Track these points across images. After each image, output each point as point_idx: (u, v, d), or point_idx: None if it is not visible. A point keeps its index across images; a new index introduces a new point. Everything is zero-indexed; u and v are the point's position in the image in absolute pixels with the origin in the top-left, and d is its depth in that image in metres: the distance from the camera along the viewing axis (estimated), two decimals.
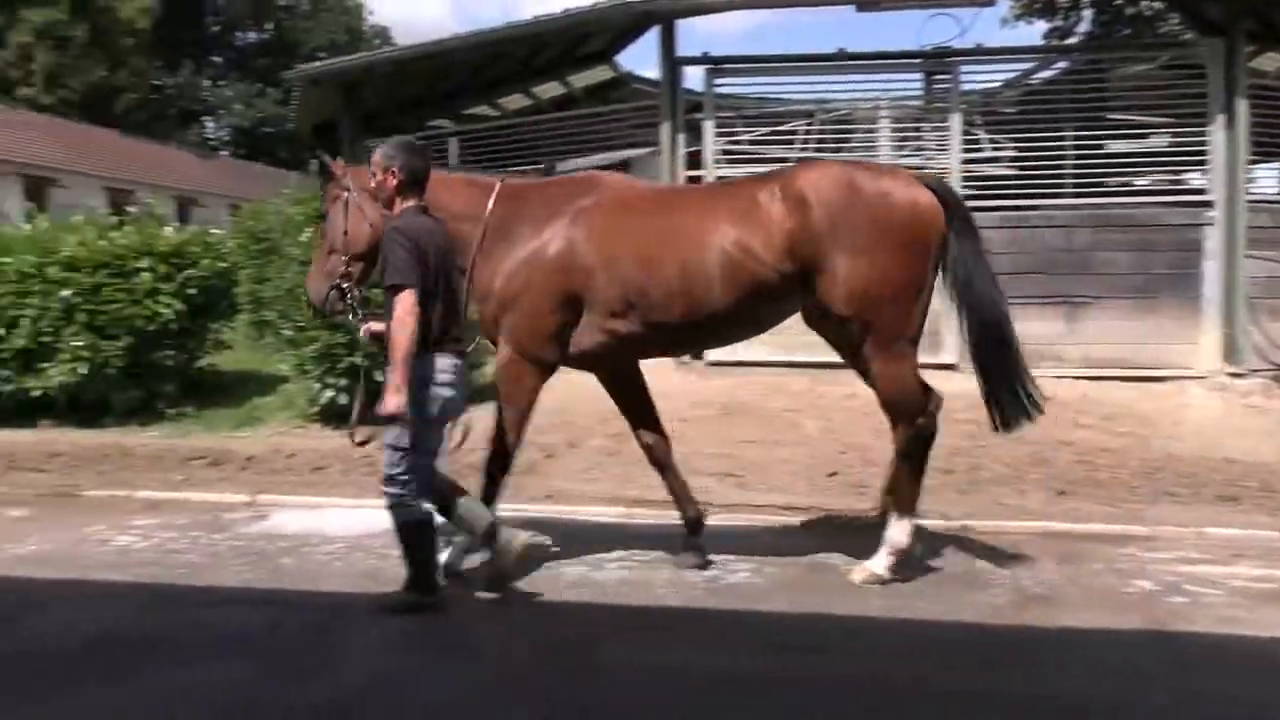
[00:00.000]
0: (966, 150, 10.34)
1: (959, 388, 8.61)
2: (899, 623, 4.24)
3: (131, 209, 10.95)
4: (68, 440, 8.26)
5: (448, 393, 4.28)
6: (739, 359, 10.27)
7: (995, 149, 10.67)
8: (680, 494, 5.09)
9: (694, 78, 11.09)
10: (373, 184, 4.41)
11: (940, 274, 4.66)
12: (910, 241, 4.45)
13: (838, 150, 10.96)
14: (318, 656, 3.92)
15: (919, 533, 4.91)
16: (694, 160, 10.74)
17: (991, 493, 6.49)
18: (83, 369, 8.53)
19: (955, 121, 10.21)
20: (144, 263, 8.82)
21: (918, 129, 10.86)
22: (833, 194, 4.45)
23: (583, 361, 4.87)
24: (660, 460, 5.10)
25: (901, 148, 10.83)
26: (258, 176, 41.13)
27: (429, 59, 12.01)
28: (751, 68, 11.05)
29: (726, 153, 10.65)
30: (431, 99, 15.57)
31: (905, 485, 4.71)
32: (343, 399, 8.54)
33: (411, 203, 4.38)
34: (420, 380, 4.17)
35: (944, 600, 4.49)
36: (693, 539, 5.03)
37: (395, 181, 4.35)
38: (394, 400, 4.04)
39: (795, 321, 4.88)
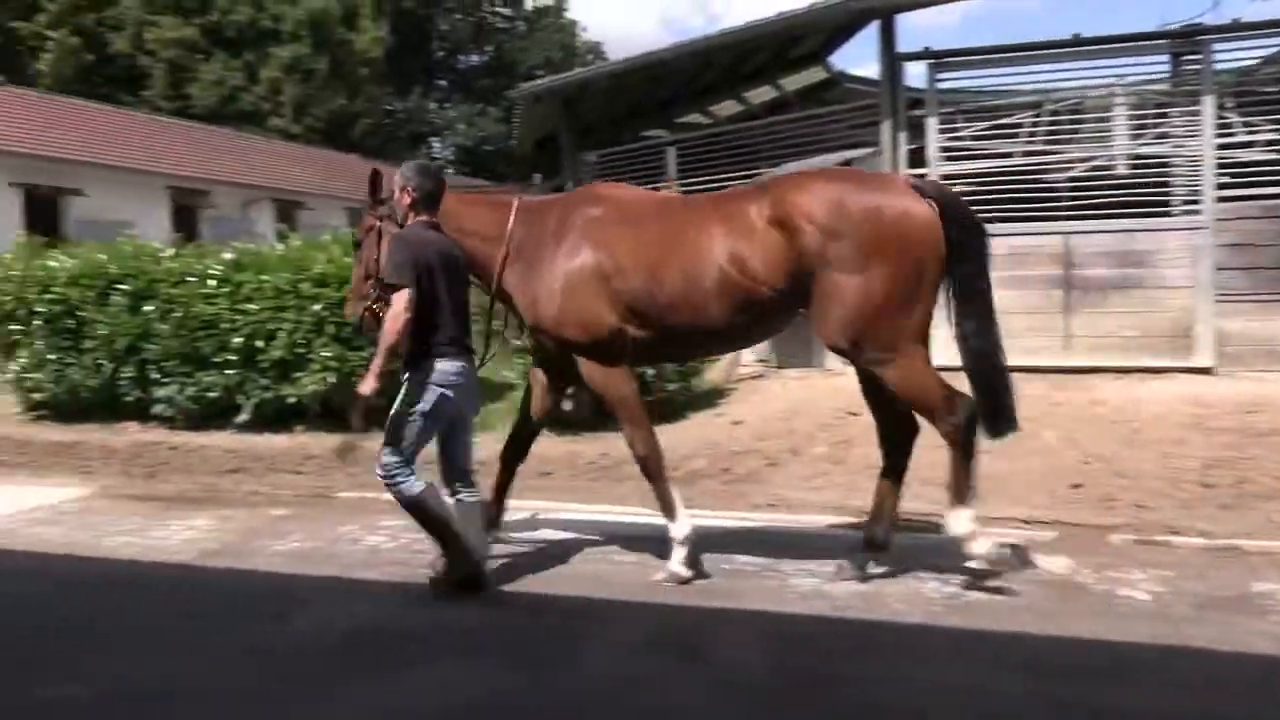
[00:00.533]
0: (1220, 135, 9.52)
1: (1216, 392, 7.95)
2: (1173, 651, 3.90)
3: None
4: (320, 444, 8.85)
5: (452, 394, 4.61)
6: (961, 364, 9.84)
7: (1251, 132, 9.77)
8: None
9: (911, 74, 10.76)
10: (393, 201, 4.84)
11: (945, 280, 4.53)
12: (902, 255, 4.38)
13: (1069, 141, 10.36)
14: (560, 657, 4.00)
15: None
16: (915, 158, 10.40)
17: (1262, 509, 5.90)
18: (332, 378, 9.12)
19: (1208, 105, 9.42)
20: None
21: (1161, 115, 10.09)
22: (820, 212, 4.43)
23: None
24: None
25: (1139, 135, 10.10)
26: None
27: (643, 70, 12.19)
28: (976, 60, 10.59)
29: (947, 149, 10.25)
30: (645, 109, 15.83)
31: (960, 473, 4.56)
32: (567, 405, 8.77)
33: (422, 218, 4.77)
34: (425, 382, 4.56)
35: (1216, 627, 4.10)
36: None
37: (409, 199, 4.78)
38: (370, 383, 4.48)
39: (1027, 322, 4.62)
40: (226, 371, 9.39)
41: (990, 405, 4.62)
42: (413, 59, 50.28)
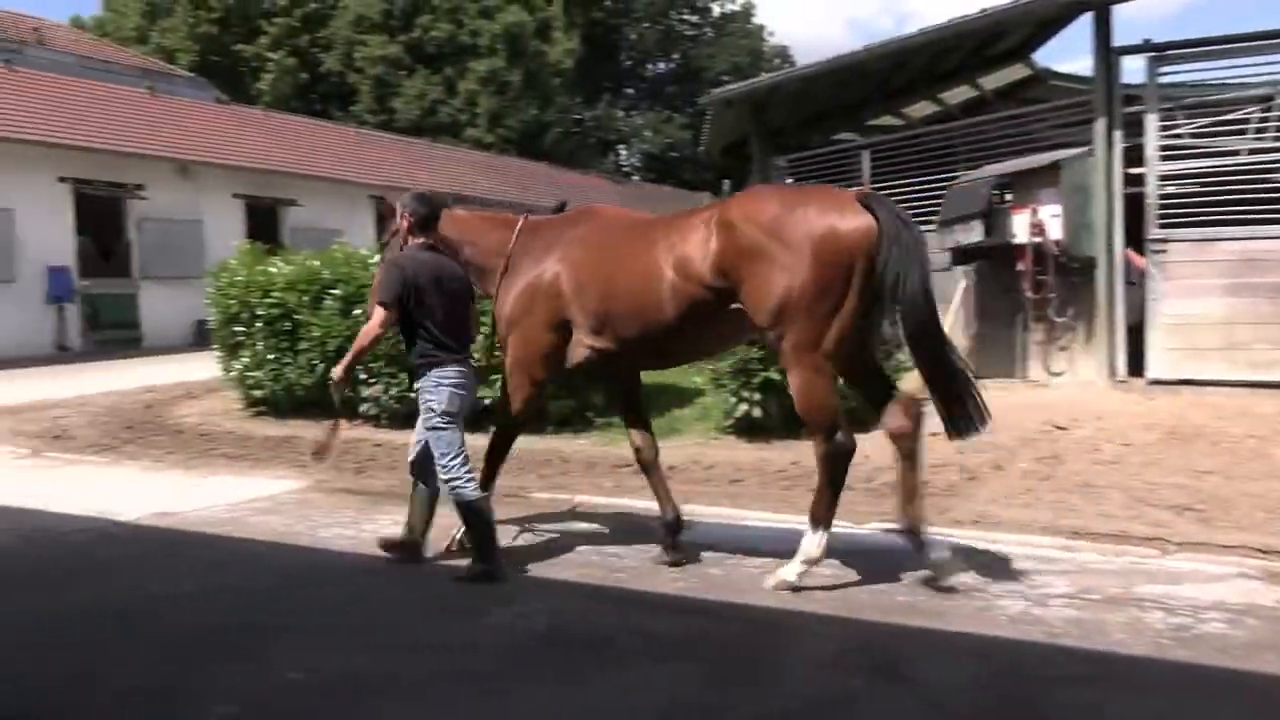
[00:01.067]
0: None
1: None
2: None
3: None
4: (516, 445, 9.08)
5: (461, 393, 5.28)
6: (1185, 377, 9.19)
7: None
8: (662, 494, 5.62)
9: (1126, 68, 10.11)
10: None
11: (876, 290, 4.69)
12: (825, 261, 4.60)
13: None
14: (752, 670, 3.94)
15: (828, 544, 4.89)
16: (1131, 157, 9.79)
17: None
18: None
19: None
20: None
21: None
22: (758, 216, 4.76)
23: (575, 374, 5.60)
24: (647, 463, 5.70)
25: None
26: (666, 198, 43.54)
27: (836, 73, 11.98)
28: (1201, 52, 9.86)
29: (1167, 148, 9.59)
30: (835, 113, 15.56)
31: (823, 497, 4.85)
32: (756, 412, 8.71)
33: (419, 240, 5.32)
34: (435, 384, 5.24)
35: None
36: (669, 539, 5.48)
37: (408, 224, 5.36)
38: (338, 372, 5.42)
39: (1256, 333, 4.25)
40: None
41: (947, 406, 4.83)
42: (602, 68, 51.36)
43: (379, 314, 5.17)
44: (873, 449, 7.99)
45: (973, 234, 10.18)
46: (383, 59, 42.88)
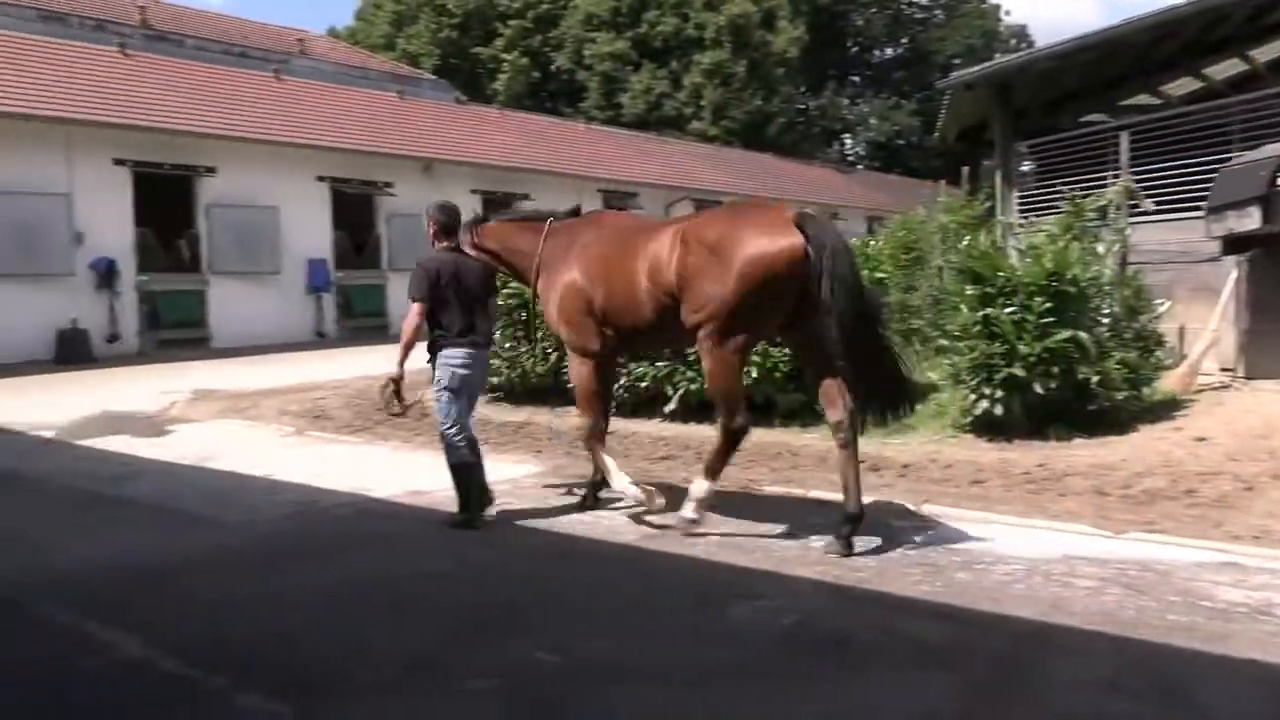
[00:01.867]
0: None
1: None
2: None
3: None
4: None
5: (464, 372, 6.16)
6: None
7: None
8: (601, 460, 6.40)
9: None
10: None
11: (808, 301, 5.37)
12: (748, 276, 5.32)
13: None
14: (1020, 685, 3.74)
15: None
16: None
17: None
18: (754, 372, 9.30)
19: None
20: None
21: None
22: (705, 236, 5.54)
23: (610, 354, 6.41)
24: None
25: None
26: (892, 188, 42.42)
27: (1090, 49, 11.23)
28: None
29: None
30: (1084, 93, 14.62)
31: (716, 458, 5.83)
32: (998, 410, 8.30)
33: (444, 244, 6.33)
34: (443, 363, 6.14)
35: None
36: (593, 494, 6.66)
37: (434, 230, 6.36)
38: (395, 370, 6.23)
39: None
40: (657, 364, 9.91)
41: (878, 394, 5.66)
42: (827, 55, 50.54)
43: (414, 308, 6.14)
44: (1129, 454, 7.48)
45: (1248, 220, 9.28)
46: (610, 55, 43.87)
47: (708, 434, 9.16)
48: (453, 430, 6.18)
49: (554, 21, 46.27)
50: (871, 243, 10.71)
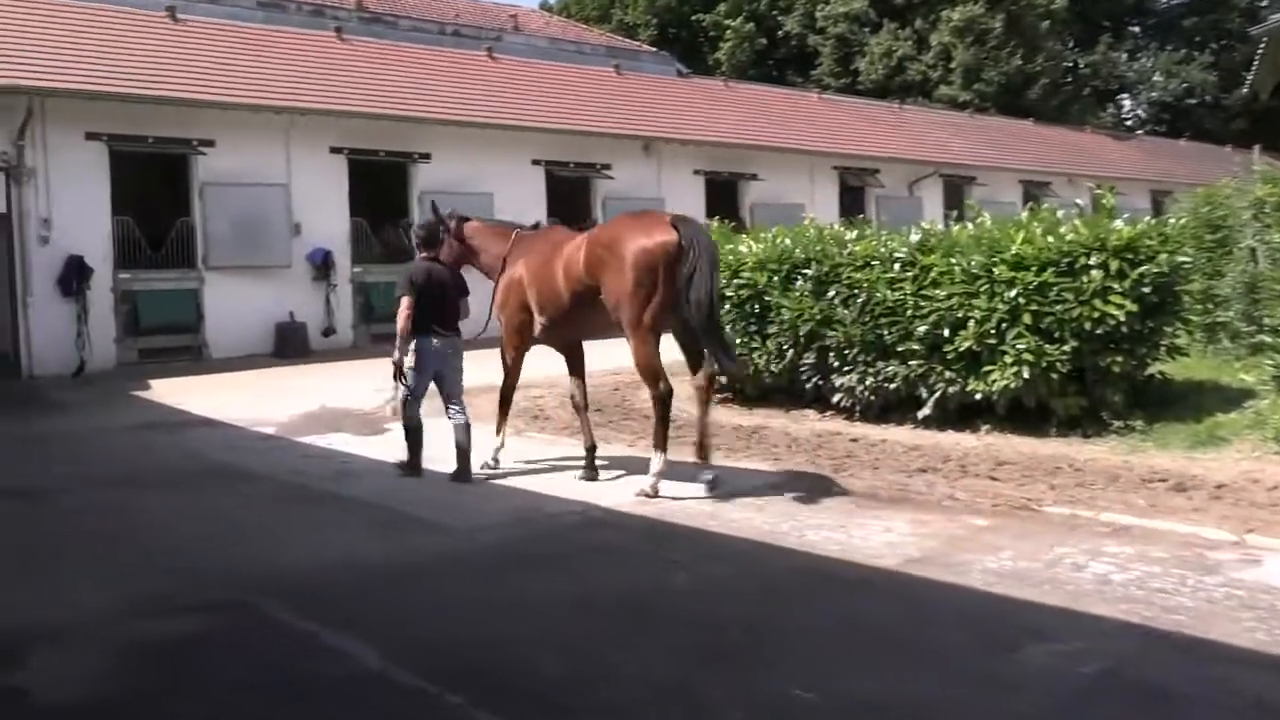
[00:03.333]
0: None
1: None
2: None
3: (1052, 202, 10.91)
4: (1012, 448, 8.65)
5: (431, 356, 8.32)
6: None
7: None
8: (587, 429, 8.54)
9: None
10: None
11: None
12: (636, 267, 7.41)
13: None
14: None
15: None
16: None
17: None
18: (1025, 373, 8.83)
19: None
20: (1093, 259, 8.80)
21: None
22: (601, 238, 7.84)
23: (540, 341, 8.74)
24: (578, 405, 8.71)
25: None
26: (1182, 155, 39.69)
27: None
28: None
29: None
30: None
31: (658, 430, 7.64)
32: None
33: (424, 254, 8.66)
34: (416, 350, 8.28)
35: None
36: (590, 468, 8.33)
37: (417, 241, 8.90)
38: (395, 355, 8.24)
39: None
40: (910, 362, 9.59)
41: (714, 353, 7.62)
42: (1100, 5, 47.83)
43: (403, 302, 8.25)
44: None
45: None
46: (846, 16, 43.17)
47: (970, 445, 8.81)
48: (414, 402, 8.45)
49: None
50: (1171, 220, 9.93)
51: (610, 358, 10.86)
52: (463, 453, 8.30)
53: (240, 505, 7.80)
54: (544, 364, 9.62)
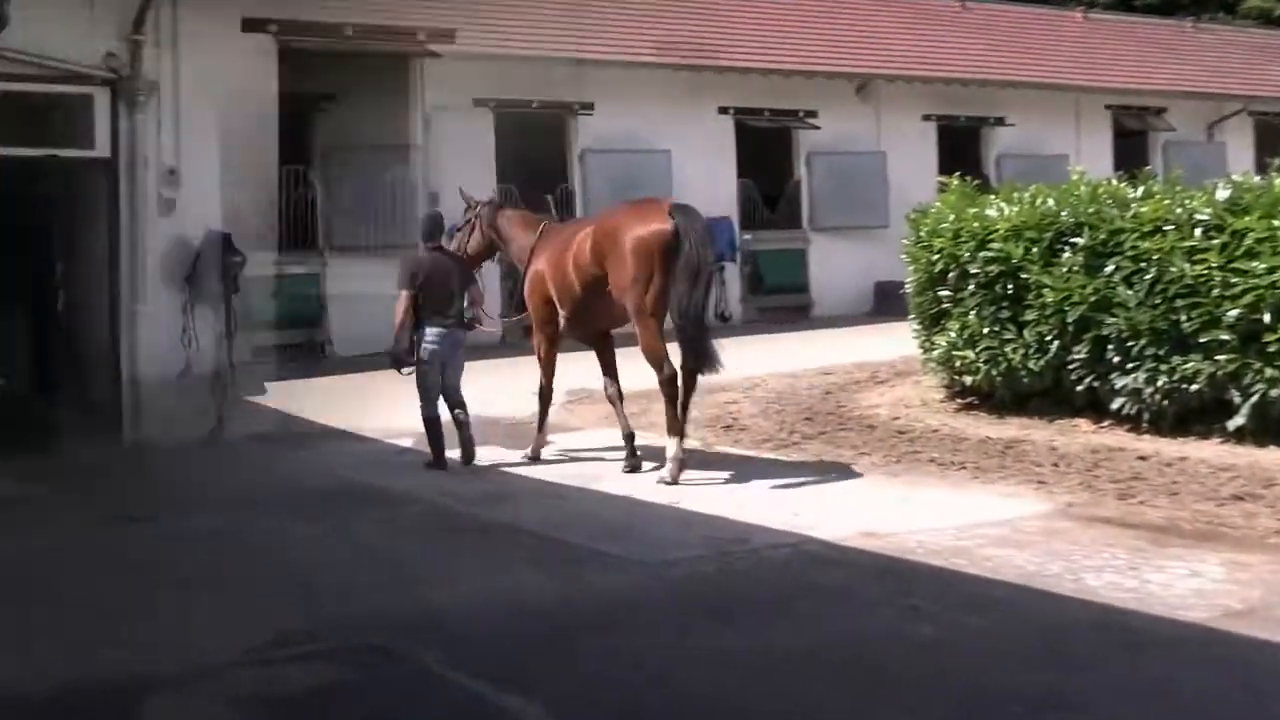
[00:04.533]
0: None
1: None
2: None
3: None
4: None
5: (433, 346, 10.10)
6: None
7: None
8: (623, 418, 10.11)
9: None
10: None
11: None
12: (636, 254, 9.24)
13: None
14: None
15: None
16: None
17: None
18: None
19: None
20: None
21: None
22: (603, 226, 9.81)
23: (566, 335, 10.60)
24: (613, 399, 10.28)
25: None
26: None
27: None
28: None
29: None
30: None
31: (670, 415, 9.31)
32: None
33: (427, 245, 10.70)
34: (419, 339, 10.08)
35: None
36: (631, 457, 9.89)
37: (421, 233, 11.18)
38: (391, 346, 10.36)
39: None
40: (1217, 357, 9.23)
41: (691, 350, 9.14)
42: None
43: (402, 295, 10.07)
44: None
45: None
46: None
47: None
48: (428, 395, 10.18)
49: None
50: None
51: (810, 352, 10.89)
52: (465, 430, 10.19)
53: (382, 531, 8.13)
54: (736, 358, 9.67)
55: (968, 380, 11.53)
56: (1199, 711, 4.54)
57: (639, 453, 9.80)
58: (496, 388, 14.36)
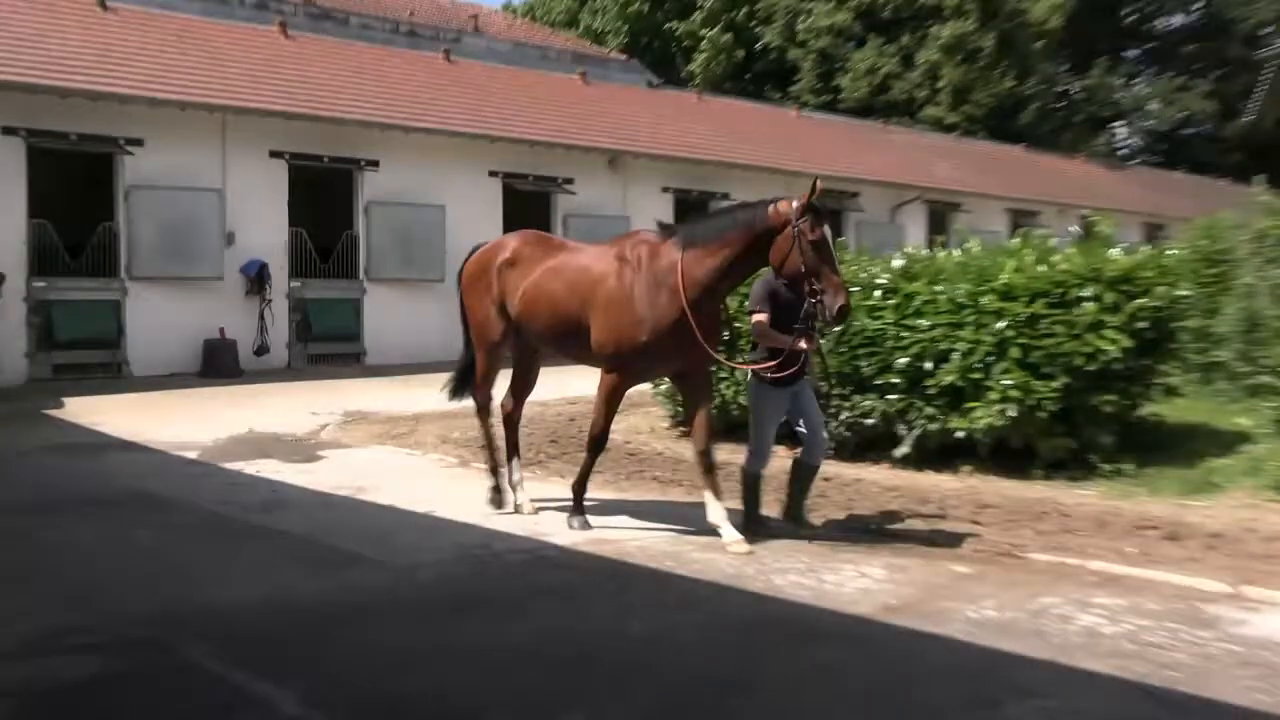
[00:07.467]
0: None
1: None
2: None
3: (1044, 232, 10.80)
4: (994, 490, 8.69)
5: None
6: None
7: None
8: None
9: None
10: None
11: None
12: None
13: None
14: None
15: None
16: None
17: None
18: (1011, 411, 8.86)
19: None
20: (1087, 290, 8.86)
21: None
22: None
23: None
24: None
25: None
26: (1177, 188, 40.35)
27: None
28: None
29: None
30: None
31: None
32: None
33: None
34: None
35: None
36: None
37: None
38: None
39: None
40: (889, 396, 9.57)
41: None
42: (1097, 26, 48.65)
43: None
44: None
45: None
46: (829, 29, 43.63)
47: (951, 487, 8.83)
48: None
49: None
50: (1169, 251, 10.07)
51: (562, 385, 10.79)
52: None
53: (160, 536, 7.61)
54: (498, 388, 9.48)
55: (685, 411, 11.65)
56: (858, 693, 4.60)
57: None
58: (284, 407, 13.90)
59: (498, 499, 8.18)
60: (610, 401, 7.49)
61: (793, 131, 30.60)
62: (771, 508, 7.73)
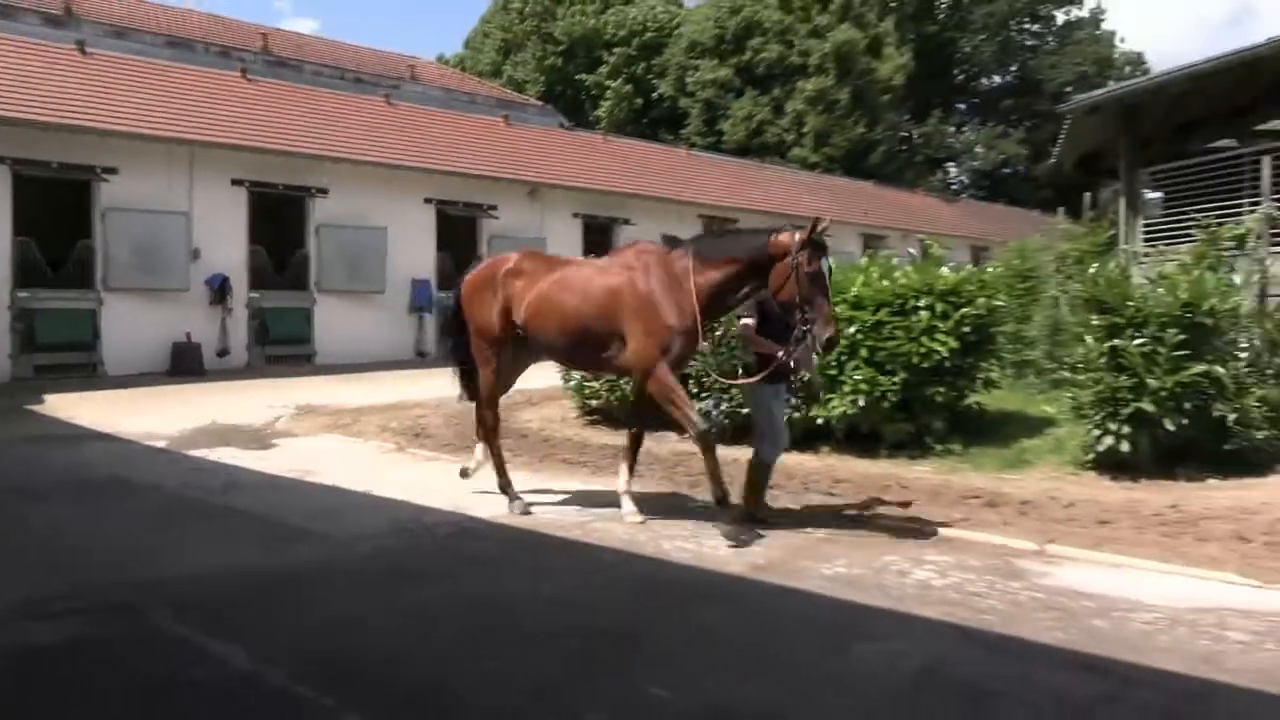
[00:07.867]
0: None
1: None
2: None
3: (889, 253, 11.11)
4: (847, 468, 8.78)
5: None
6: None
7: None
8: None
9: None
10: None
11: None
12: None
13: None
14: None
15: None
16: None
17: None
18: (861, 401, 8.99)
19: None
20: (922, 302, 9.03)
21: None
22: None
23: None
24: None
25: None
26: (997, 217, 41.39)
27: (1232, 70, 10.65)
28: None
29: None
30: (1212, 119, 13.94)
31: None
32: (1124, 447, 7.84)
33: None
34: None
35: None
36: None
37: None
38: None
39: None
40: None
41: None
42: (933, 83, 49.75)
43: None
44: (1271, 497, 6.99)
45: None
46: (713, 82, 43.90)
47: (813, 466, 8.90)
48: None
49: (658, 49, 46.57)
50: (989, 269, 10.31)
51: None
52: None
53: (129, 515, 7.34)
54: (431, 384, 9.31)
55: (594, 403, 11.61)
56: (730, 643, 4.60)
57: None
58: (242, 401, 13.50)
59: (525, 507, 7.30)
60: (674, 392, 6.79)
61: (683, 168, 30.68)
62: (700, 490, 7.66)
